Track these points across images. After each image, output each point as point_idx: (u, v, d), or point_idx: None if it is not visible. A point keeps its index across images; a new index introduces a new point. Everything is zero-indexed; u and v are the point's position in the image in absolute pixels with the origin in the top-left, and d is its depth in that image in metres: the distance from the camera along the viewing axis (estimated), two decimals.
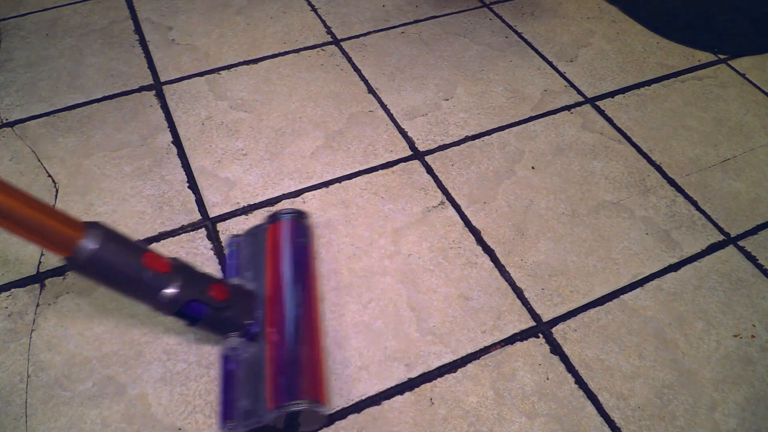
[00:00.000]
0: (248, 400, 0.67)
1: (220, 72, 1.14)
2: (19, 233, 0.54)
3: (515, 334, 0.80)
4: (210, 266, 0.85)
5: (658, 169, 1.02)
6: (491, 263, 0.87)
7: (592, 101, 1.13)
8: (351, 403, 0.73)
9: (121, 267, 0.59)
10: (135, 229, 0.88)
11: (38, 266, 0.84)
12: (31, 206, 0.54)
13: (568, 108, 1.12)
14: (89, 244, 0.57)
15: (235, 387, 0.70)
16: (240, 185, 0.95)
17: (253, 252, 0.80)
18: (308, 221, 0.82)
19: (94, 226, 0.58)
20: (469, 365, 0.77)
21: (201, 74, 1.13)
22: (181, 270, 0.64)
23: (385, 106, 1.10)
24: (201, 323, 0.66)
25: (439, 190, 0.96)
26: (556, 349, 0.79)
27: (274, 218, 0.81)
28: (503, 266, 0.87)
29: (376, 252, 0.88)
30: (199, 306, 0.65)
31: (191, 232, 0.89)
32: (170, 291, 0.62)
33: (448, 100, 1.11)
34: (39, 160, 0.97)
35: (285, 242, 0.78)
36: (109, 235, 0.59)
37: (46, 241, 0.55)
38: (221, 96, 1.09)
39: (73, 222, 0.57)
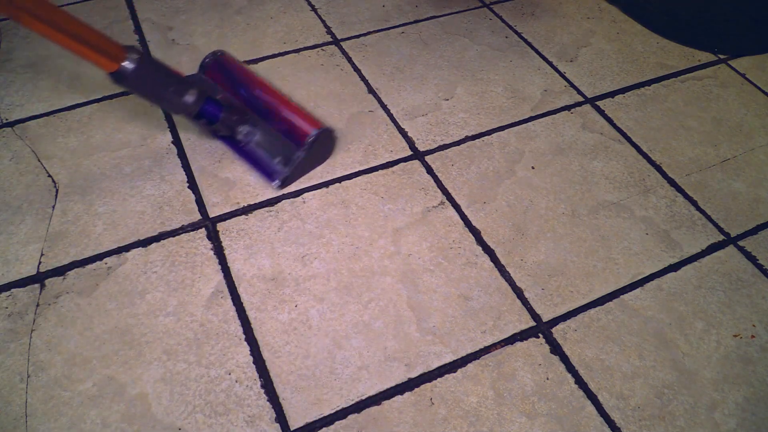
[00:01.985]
0: (278, 156, 0.95)
1: None
2: (79, 50, 0.74)
3: (515, 334, 0.80)
4: (210, 266, 0.85)
5: (658, 169, 1.02)
6: (491, 263, 0.87)
7: (592, 101, 1.13)
8: (351, 403, 0.73)
9: (153, 81, 0.82)
10: (135, 229, 0.88)
11: (38, 266, 0.84)
12: (89, 30, 0.75)
13: (568, 108, 1.12)
14: (130, 63, 0.78)
15: (260, 158, 0.96)
16: (240, 185, 0.95)
17: (211, 86, 1.01)
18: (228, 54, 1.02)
19: (132, 50, 0.78)
20: (469, 365, 0.77)
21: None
22: (198, 83, 0.90)
23: (385, 106, 1.09)
24: (220, 123, 0.92)
25: (439, 190, 0.96)
26: (556, 349, 0.79)
27: (210, 59, 1.01)
28: (503, 266, 0.87)
29: (376, 252, 0.88)
30: (215, 108, 0.90)
31: (191, 232, 0.89)
32: (191, 96, 0.86)
33: (448, 100, 1.11)
34: (39, 160, 0.97)
35: (230, 68, 1.01)
36: (143, 57, 0.79)
37: (99, 56, 0.75)
38: None
39: (117, 45, 0.77)
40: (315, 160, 0.96)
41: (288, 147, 0.94)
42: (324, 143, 0.96)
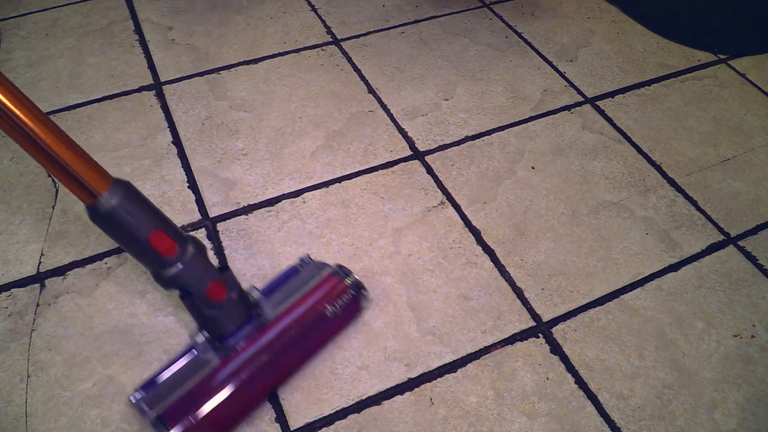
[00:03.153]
0: (167, 392, 0.66)
1: (220, 72, 1.14)
2: (52, 171, 0.55)
3: (515, 334, 0.80)
4: None
5: (658, 169, 1.02)
6: (491, 263, 0.87)
7: (592, 101, 1.13)
8: (351, 403, 0.73)
9: (131, 233, 0.58)
10: None
11: (38, 266, 0.84)
12: (70, 148, 0.54)
13: (568, 108, 1.12)
14: (110, 200, 0.56)
15: (164, 372, 0.68)
16: (240, 185, 0.95)
17: (301, 283, 0.76)
18: (360, 297, 0.77)
19: (120, 184, 0.57)
20: (469, 365, 0.77)
21: (201, 74, 1.13)
22: (188, 257, 0.62)
23: (385, 106, 1.10)
24: (187, 302, 0.66)
25: (439, 190, 0.96)
26: (556, 349, 0.79)
27: (337, 272, 0.77)
28: (503, 266, 0.87)
29: (376, 252, 0.88)
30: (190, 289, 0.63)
31: (191, 232, 0.89)
32: (170, 272, 0.61)
33: (448, 100, 1.11)
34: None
35: (320, 296, 0.74)
36: (131, 198, 0.58)
37: (74, 184, 0.55)
38: (221, 96, 1.09)
39: (103, 173, 0.57)
40: None
41: (179, 398, 0.66)
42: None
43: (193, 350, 0.70)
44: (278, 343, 0.70)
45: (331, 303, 0.73)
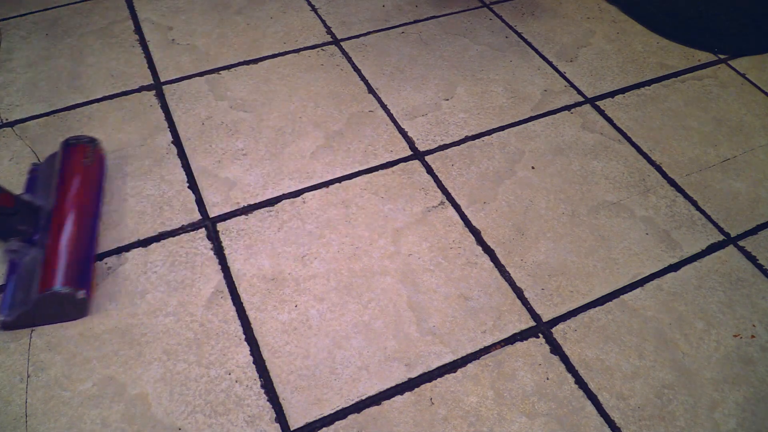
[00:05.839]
0: (22, 293, 0.77)
1: (220, 72, 1.14)
2: None
3: (515, 334, 0.80)
4: (210, 266, 0.85)
5: (658, 169, 1.02)
6: (491, 263, 0.87)
7: (592, 101, 1.13)
8: (351, 403, 0.73)
9: None
10: (135, 229, 0.88)
11: None
12: None
13: (568, 108, 1.12)
14: None
15: (10, 282, 0.79)
16: (240, 185, 0.95)
17: (48, 176, 0.90)
18: (96, 144, 0.94)
19: None
20: (469, 365, 0.77)
21: (201, 74, 1.13)
22: None
23: (385, 106, 1.09)
24: None
25: (439, 190, 0.96)
26: (556, 349, 0.79)
27: (68, 142, 0.92)
28: (503, 266, 0.87)
29: (376, 252, 0.88)
30: None
31: (191, 232, 0.89)
32: None
33: (448, 100, 1.11)
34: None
35: (69, 164, 0.89)
36: None
37: None
38: (221, 96, 1.09)
39: None
40: (55, 316, 0.77)
41: (34, 286, 0.77)
42: (65, 304, 0.76)
43: (14, 258, 0.81)
44: (73, 203, 0.85)
45: (84, 157, 0.91)
